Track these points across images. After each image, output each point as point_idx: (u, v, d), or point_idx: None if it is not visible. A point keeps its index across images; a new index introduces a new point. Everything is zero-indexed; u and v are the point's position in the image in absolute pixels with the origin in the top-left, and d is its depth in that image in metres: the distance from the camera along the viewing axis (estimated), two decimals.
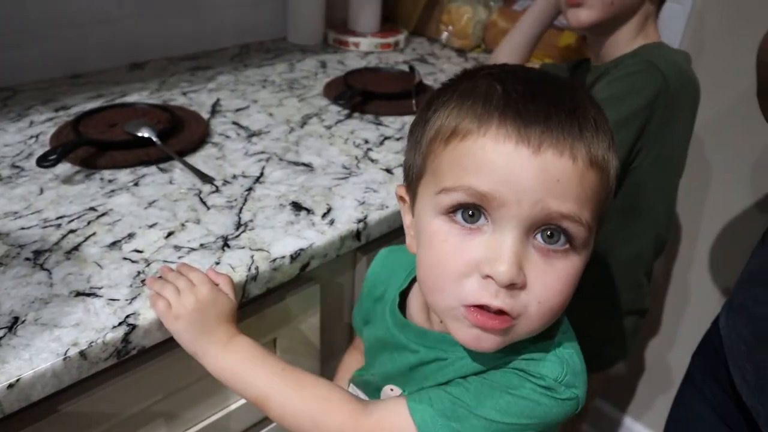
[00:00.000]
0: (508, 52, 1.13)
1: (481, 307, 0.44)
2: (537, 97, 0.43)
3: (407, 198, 0.53)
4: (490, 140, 0.42)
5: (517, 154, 0.42)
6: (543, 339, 0.50)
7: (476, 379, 0.50)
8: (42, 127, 0.91)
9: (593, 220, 0.45)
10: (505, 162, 0.42)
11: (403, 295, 0.59)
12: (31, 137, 0.88)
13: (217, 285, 0.59)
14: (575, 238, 0.44)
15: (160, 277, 0.60)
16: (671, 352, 1.43)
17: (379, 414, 0.51)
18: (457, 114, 0.45)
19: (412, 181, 0.51)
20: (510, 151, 0.42)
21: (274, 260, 0.66)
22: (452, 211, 0.45)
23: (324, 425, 0.51)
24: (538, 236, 0.44)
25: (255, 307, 0.70)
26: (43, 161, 0.76)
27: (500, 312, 0.44)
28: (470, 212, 0.44)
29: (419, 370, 0.55)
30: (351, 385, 0.67)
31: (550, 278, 0.44)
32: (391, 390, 0.59)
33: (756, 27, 0.71)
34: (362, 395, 0.65)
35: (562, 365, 0.49)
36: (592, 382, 1.06)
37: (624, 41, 0.90)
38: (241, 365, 0.55)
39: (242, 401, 0.72)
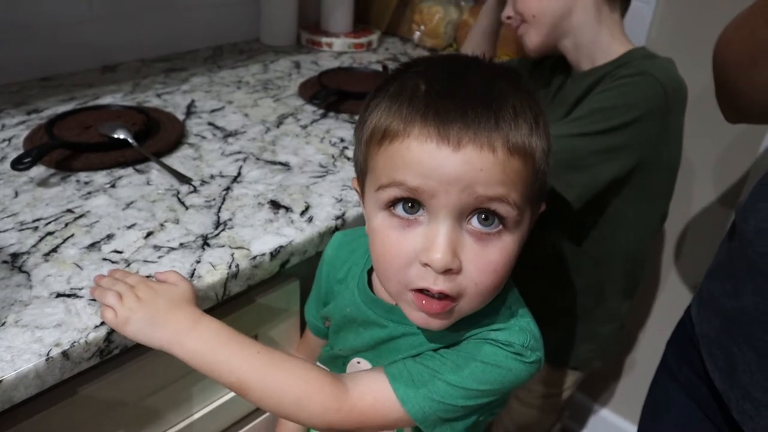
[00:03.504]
0: (472, 51, 1.15)
1: (424, 291, 0.49)
2: (456, 94, 0.47)
3: (359, 190, 0.56)
4: (414, 141, 0.46)
5: (438, 151, 0.45)
6: (502, 310, 0.55)
7: (451, 351, 0.54)
8: (14, 130, 0.91)
9: (522, 201, 0.48)
10: (429, 159, 0.46)
11: (369, 273, 0.62)
12: (4, 140, 0.87)
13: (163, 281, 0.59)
14: (506, 218, 0.48)
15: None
16: (644, 343, 1.47)
17: (360, 390, 0.54)
18: (386, 116, 0.48)
19: (360, 176, 0.55)
20: (432, 149, 0.46)
21: (255, 258, 0.67)
22: (392, 205, 0.49)
23: (306, 406, 0.52)
24: (473, 220, 0.48)
25: (236, 305, 0.70)
26: (18, 164, 0.75)
27: (442, 295, 0.48)
28: (410, 204, 0.48)
29: (389, 343, 0.58)
30: (318, 363, 0.69)
31: (484, 261, 0.48)
32: (358, 362, 0.62)
33: (717, 26, 0.73)
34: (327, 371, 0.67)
35: (525, 332, 0.54)
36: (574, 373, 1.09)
37: (598, 51, 0.89)
38: (214, 349, 0.54)
39: (227, 397, 0.73)
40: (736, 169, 1.18)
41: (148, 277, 0.61)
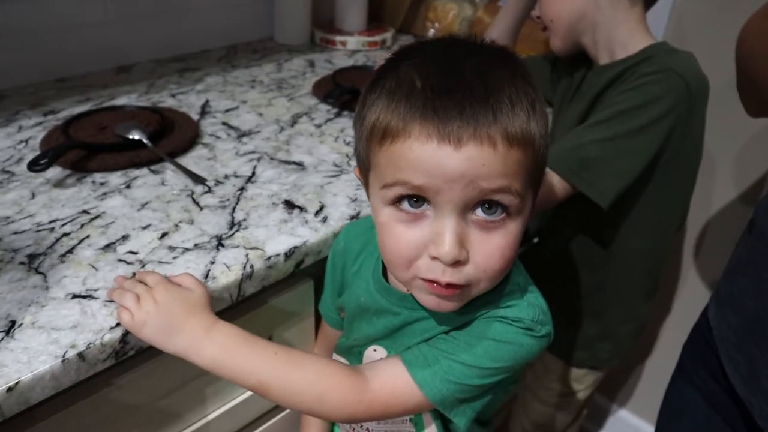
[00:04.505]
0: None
1: (433, 281, 0.50)
2: (453, 89, 0.47)
3: (362, 179, 0.57)
4: (415, 141, 0.47)
5: (440, 150, 0.46)
6: (510, 287, 0.55)
7: (462, 333, 0.55)
8: (31, 131, 0.91)
9: (524, 188, 0.49)
10: (431, 158, 0.46)
11: (383, 262, 0.62)
12: (21, 142, 0.88)
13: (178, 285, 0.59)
14: (509, 206, 0.49)
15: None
16: (663, 343, 1.45)
17: (379, 379, 0.55)
18: (385, 114, 0.48)
19: (363, 170, 0.55)
20: (434, 148, 0.46)
21: (269, 258, 0.66)
22: (397, 201, 0.50)
23: (329, 401, 0.53)
24: (478, 210, 0.49)
25: (250, 305, 0.70)
26: (34, 165, 0.76)
27: (450, 285, 0.49)
28: (414, 199, 0.49)
29: (404, 330, 0.59)
30: (334, 354, 0.71)
31: (490, 248, 0.49)
32: (374, 351, 0.63)
33: (736, 20, 0.72)
34: (345, 361, 0.68)
35: (533, 307, 0.55)
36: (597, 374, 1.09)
37: (617, 46, 0.89)
38: (231, 354, 0.54)
39: (244, 396, 0.73)
40: (757, 165, 1.16)
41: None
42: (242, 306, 0.69)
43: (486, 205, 0.48)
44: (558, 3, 0.91)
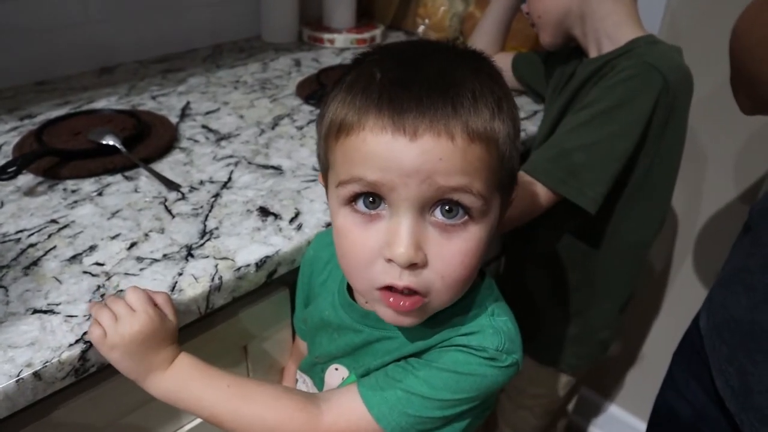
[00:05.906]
0: (481, 42, 1.13)
1: (391, 288, 0.47)
2: (412, 81, 0.45)
3: (324, 184, 0.55)
4: (369, 133, 0.44)
5: (395, 142, 0.43)
6: (476, 310, 0.52)
7: (423, 363, 0.52)
8: (6, 137, 0.89)
9: (487, 189, 0.46)
10: (385, 151, 0.44)
11: None
12: None
13: (156, 305, 0.55)
14: (471, 208, 0.46)
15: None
16: (657, 339, 1.43)
17: (333, 413, 0.52)
18: (342, 108, 0.46)
19: (323, 172, 0.53)
20: (388, 140, 0.44)
21: (239, 269, 0.65)
22: (353, 200, 0.47)
23: None
24: (437, 212, 0.46)
25: (224, 315, 0.68)
26: (2, 173, 0.74)
27: (409, 291, 0.46)
28: (371, 199, 0.46)
29: (365, 349, 0.57)
30: (298, 371, 0.69)
31: (450, 253, 0.46)
32: (336, 369, 0.61)
33: (732, 17, 0.69)
34: (308, 379, 0.66)
35: (500, 334, 0.51)
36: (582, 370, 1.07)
37: (604, 38, 0.87)
38: (186, 387, 0.53)
39: None
40: (753, 165, 1.13)
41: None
42: (216, 316, 0.68)
43: (446, 207, 0.46)
44: None
